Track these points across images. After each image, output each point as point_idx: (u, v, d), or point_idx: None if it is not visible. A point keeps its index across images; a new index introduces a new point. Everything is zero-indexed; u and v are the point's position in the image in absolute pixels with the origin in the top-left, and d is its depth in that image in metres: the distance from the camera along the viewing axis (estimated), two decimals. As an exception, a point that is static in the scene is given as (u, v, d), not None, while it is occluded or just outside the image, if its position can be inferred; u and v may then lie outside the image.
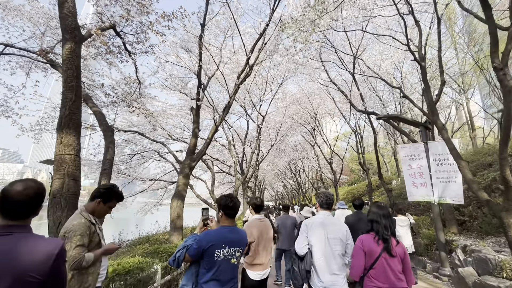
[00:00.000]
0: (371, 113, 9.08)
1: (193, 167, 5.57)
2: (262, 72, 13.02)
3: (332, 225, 2.53)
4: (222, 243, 1.93)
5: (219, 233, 1.99)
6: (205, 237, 1.93)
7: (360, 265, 2.20)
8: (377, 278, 2.14)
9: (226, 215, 2.10)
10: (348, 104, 17.17)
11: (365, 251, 2.19)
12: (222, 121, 13.25)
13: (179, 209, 4.99)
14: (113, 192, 2.04)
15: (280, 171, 31.58)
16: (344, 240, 2.48)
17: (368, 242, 2.21)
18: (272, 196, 49.25)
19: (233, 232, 2.05)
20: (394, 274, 2.12)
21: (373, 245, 2.17)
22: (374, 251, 2.16)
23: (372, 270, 2.16)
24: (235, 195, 11.82)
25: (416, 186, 6.19)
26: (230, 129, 15.13)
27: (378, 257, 2.14)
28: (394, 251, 2.15)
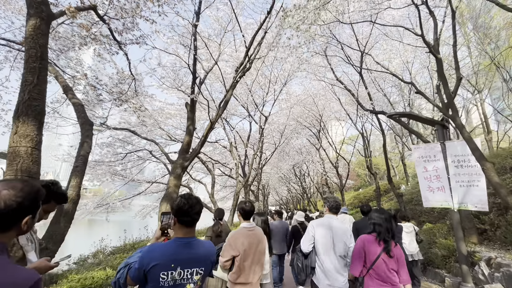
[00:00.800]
0: (380, 112, 8.51)
1: (186, 168, 5.10)
2: (265, 71, 12.59)
3: (338, 228, 2.73)
4: (171, 262, 1.40)
5: (167, 248, 1.46)
6: (147, 254, 1.40)
7: (360, 262, 2.38)
8: (376, 276, 2.32)
9: (180, 223, 1.53)
10: (355, 106, 16.60)
11: (365, 250, 2.36)
12: (223, 121, 12.89)
13: (168, 213, 4.50)
14: (51, 192, 1.54)
15: (284, 175, 30.95)
16: (348, 243, 2.68)
17: (369, 242, 2.37)
18: (277, 200, 48.45)
19: (189, 246, 1.51)
20: (391, 274, 2.31)
21: (374, 246, 2.34)
22: (374, 251, 2.32)
23: (372, 270, 2.33)
24: (236, 199, 11.35)
25: (432, 190, 5.58)
26: (232, 130, 14.70)
27: (378, 257, 2.30)
28: (393, 252, 2.33)
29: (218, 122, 12.89)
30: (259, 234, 2.67)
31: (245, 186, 14.32)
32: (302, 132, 21.46)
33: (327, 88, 14.42)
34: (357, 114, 14.33)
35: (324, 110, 17.49)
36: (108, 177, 9.36)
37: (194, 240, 1.56)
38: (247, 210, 2.74)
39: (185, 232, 1.53)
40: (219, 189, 21.64)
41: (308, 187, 30.55)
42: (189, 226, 1.55)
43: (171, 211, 1.60)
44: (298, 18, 5.15)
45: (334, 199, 2.91)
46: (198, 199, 1.60)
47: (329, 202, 2.90)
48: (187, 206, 1.51)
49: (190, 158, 5.11)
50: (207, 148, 15.82)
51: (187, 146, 5.36)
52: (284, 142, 19.03)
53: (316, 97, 16.33)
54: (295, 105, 16.71)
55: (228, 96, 5.67)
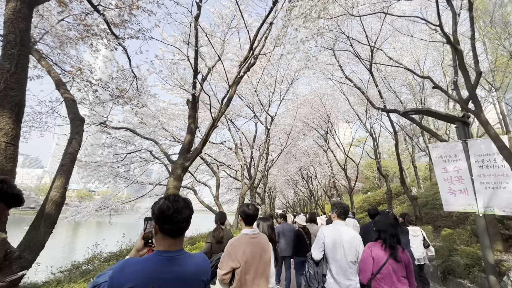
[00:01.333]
0: (392, 111, 8.07)
1: (187, 168, 4.79)
2: (271, 70, 12.28)
3: (348, 234, 2.74)
4: (150, 283, 1.07)
5: (145, 265, 1.12)
6: (119, 273, 1.07)
7: (368, 269, 2.42)
8: (383, 281, 2.35)
9: (163, 232, 1.19)
10: (364, 106, 16.11)
11: (373, 257, 2.42)
12: (228, 122, 12.61)
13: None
14: (0, 192, 1.23)
15: (291, 178, 30.46)
16: (358, 249, 2.68)
17: (376, 249, 2.44)
18: (283, 203, 47.84)
19: (174, 263, 1.17)
20: (398, 279, 2.35)
21: (381, 252, 2.41)
22: (381, 258, 2.39)
23: (379, 275, 2.36)
24: (242, 201, 11.01)
25: (453, 193, 5.12)
26: (237, 132, 14.41)
27: (385, 263, 2.36)
28: (400, 257, 2.38)
29: (223, 123, 12.63)
30: (264, 242, 2.32)
31: (250, 189, 13.97)
32: (309, 134, 21.04)
33: (334, 88, 14.01)
34: (367, 114, 13.86)
35: (332, 111, 17.05)
36: (111, 179, 9.16)
37: (180, 254, 1.21)
38: (249, 214, 2.40)
39: (169, 244, 1.19)
40: (225, 192, 21.36)
41: (316, 190, 29.94)
42: (175, 236, 1.21)
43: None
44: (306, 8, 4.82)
45: (342, 206, 2.95)
46: (187, 201, 1.24)
47: (338, 209, 2.93)
48: (171, 211, 1.17)
49: (191, 158, 4.81)
50: (212, 150, 15.58)
51: (189, 146, 5.06)
52: (291, 144, 18.63)
53: (323, 97, 15.91)
54: (302, 105, 16.33)
55: (232, 92, 5.36)
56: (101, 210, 9.53)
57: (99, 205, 9.54)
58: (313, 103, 16.53)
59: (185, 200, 1.25)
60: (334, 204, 3.07)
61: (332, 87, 14.62)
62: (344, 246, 2.67)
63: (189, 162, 4.77)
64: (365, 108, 16.33)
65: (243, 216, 2.40)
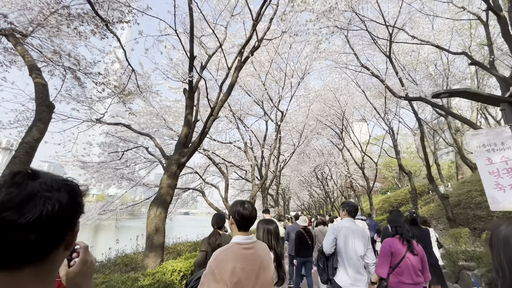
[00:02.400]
0: (416, 99, 7.19)
1: (183, 164, 4.22)
2: (281, 64, 11.62)
3: (357, 230, 2.90)
4: None
5: None
6: None
7: (387, 264, 2.56)
8: (401, 274, 2.50)
9: None
10: (381, 100, 15.09)
11: (392, 251, 2.56)
12: (236, 120, 12.03)
13: (159, 219, 3.58)
14: None
15: (305, 179, 29.49)
16: (366, 245, 2.85)
17: (394, 244, 2.60)
18: (298, 206, 46.67)
19: None
20: (415, 271, 2.50)
21: (399, 246, 2.57)
22: (400, 251, 2.54)
23: (397, 268, 2.52)
24: (252, 203, 10.28)
25: (502, 188, 4.21)
26: (247, 131, 13.81)
27: (404, 257, 2.52)
28: (416, 250, 2.57)
29: (231, 121, 12.06)
30: (263, 255, 1.66)
31: (262, 190, 13.29)
32: (323, 132, 20.12)
33: (349, 80, 13.13)
34: (385, 108, 12.87)
35: (347, 106, 16.11)
36: (115, 181, 8.80)
37: None
38: (245, 216, 1.75)
39: None
40: (236, 194, 20.77)
41: (331, 191, 28.78)
42: None
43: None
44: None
45: (352, 204, 3.05)
46: None
47: (348, 207, 3.04)
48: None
49: (188, 154, 4.22)
50: (223, 151, 15.05)
51: (185, 139, 4.48)
52: (304, 142, 17.80)
53: (337, 92, 15.04)
54: (315, 101, 15.51)
55: (233, 79, 4.75)
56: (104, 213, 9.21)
57: (102, 208, 9.21)
58: (326, 99, 15.69)
59: None
60: (344, 202, 3.13)
61: (346, 80, 13.74)
62: (355, 241, 2.80)
63: (186, 158, 4.19)
64: (382, 102, 15.31)
65: (236, 217, 1.75)
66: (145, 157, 8.89)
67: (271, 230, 2.24)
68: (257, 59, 10.02)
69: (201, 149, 9.86)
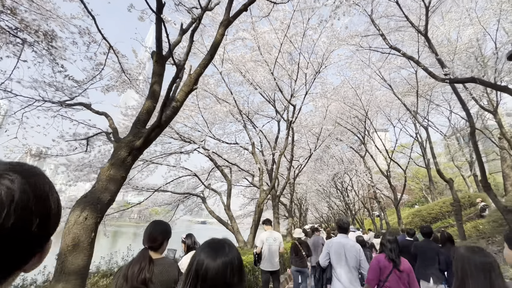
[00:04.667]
0: (468, 80, 5.52)
1: (138, 149, 2.94)
2: (293, 52, 10.30)
3: (349, 244, 3.25)
4: None
5: None
6: None
7: (375, 277, 2.85)
8: (390, 286, 2.78)
9: None
10: (409, 99, 13.22)
11: (380, 267, 2.87)
12: (243, 117, 10.71)
13: (81, 228, 2.26)
14: None
15: (323, 189, 27.38)
16: (358, 256, 3.18)
17: (382, 260, 2.90)
18: (317, 218, 43.98)
19: None
20: (404, 285, 2.77)
21: (386, 263, 2.87)
22: (387, 267, 2.85)
23: (387, 282, 2.79)
24: (258, 212, 8.85)
25: None
26: (257, 133, 12.48)
27: (391, 272, 2.82)
28: (402, 266, 2.83)
29: (238, 120, 10.78)
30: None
31: (272, 198, 11.76)
32: (342, 137, 18.30)
33: (372, 72, 11.46)
34: (417, 105, 11.01)
35: (370, 106, 14.32)
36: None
37: None
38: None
39: None
40: (247, 203, 19.27)
41: (352, 203, 26.42)
42: None
43: None
44: None
45: (341, 221, 3.48)
46: None
47: (337, 224, 3.52)
48: None
49: (146, 134, 2.94)
50: (231, 155, 13.79)
51: (146, 116, 3.22)
52: (321, 147, 16.10)
53: (358, 89, 13.38)
54: (333, 101, 13.92)
55: (218, 37, 3.47)
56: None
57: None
58: (346, 97, 14.05)
59: None
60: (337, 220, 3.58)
61: (368, 74, 12.08)
62: (346, 254, 3.16)
63: (142, 141, 2.90)
64: (411, 101, 13.42)
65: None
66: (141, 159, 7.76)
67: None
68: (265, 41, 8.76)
69: (200, 147, 8.63)
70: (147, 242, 1.73)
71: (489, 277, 1.31)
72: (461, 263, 1.42)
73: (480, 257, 1.39)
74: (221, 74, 10.04)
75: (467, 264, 1.39)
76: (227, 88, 10.25)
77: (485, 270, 1.34)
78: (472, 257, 1.40)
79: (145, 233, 1.77)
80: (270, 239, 4.73)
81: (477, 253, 1.42)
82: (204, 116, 10.24)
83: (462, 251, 1.47)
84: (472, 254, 1.41)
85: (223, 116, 11.57)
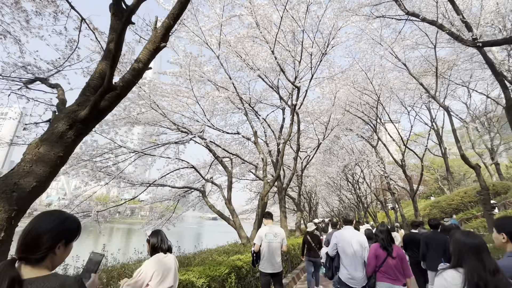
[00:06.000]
0: (504, 41, 4.55)
1: (83, 122, 2.23)
2: (297, 34, 9.39)
3: (354, 235, 3.61)
4: None
5: None
6: None
7: (372, 264, 3.32)
8: (385, 272, 3.24)
9: None
10: (426, 79, 12.12)
11: (376, 255, 3.32)
12: (243, 103, 9.88)
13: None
14: None
15: (333, 182, 26.38)
16: (363, 245, 3.53)
17: (377, 249, 3.37)
18: (327, 212, 42.94)
19: None
20: (398, 270, 3.22)
21: (380, 251, 3.33)
22: (381, 255, 3.31)
23: (382, 268, 3.26)
24: (262, 205, 8.12)
25: None
26: (261, 122, 11.70)
27: (385, 259, 3.26)
28: (395, 253, 3.27)
29: (238, 107, 10.01)
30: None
31: (279, 191, 11.00)
32: (352, 127, 17.26)
33: (382, 51, 10.43)
34: (436, 86, 9.95)
35: (382, 90, 13.27)
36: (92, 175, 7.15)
37: None
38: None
39: None
40: (254, 197, 18.60)
41: (364, 195, 25.34)
42: None
43: None
44: None
45: (347, 215, 3.84)
46: None
47: (342, 218, 3.91)
48: None
49: (93, 103, 2.21)
50: (234, 147, 13.08)
51: (99, 81, 2.51)
52: (329, 137, 15.14)
53: (369, 72, 12.35)
54: (342, 85, 12.92)
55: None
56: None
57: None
58: (355, 82, 13.05)
59: None
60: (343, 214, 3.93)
61: (378, 54, 11.05)
62: (352, 243, 3.49)
63: (87, 110, 2.19)
64: (427, 83, 12.31)
65: None
66: (124, 146, 7.08)
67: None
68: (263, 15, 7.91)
69: (195, 136, 7.92)
70: (20, 249, 1.00)
71: (480, 256, 1.54)
72: (456, 245, 1.64)
73: (472, 240, 1.61)
74: (219, 59, 9.27)
75: (462, 246, 1.61)
76: (226, 74, 9.48)
77: (477, 250, 1.56)
78: (465, 239, 1.62)
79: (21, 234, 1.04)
80: (270, 235, 3.99)
81: (469, 236, 1.65)
82: (202, 105, 9.51)
83: (457, 235, 1.70)
84: (465, 237, 1.64)
85: (223, 105, 10.83)
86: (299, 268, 7.98)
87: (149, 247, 2.37)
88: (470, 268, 1.51)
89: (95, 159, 7.07)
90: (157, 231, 2.46)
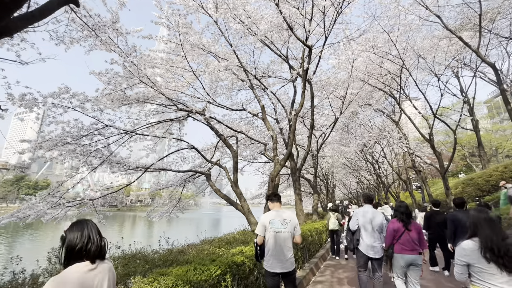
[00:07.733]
0: None
1: None
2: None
3: (373, 212, 4.12)
4: None
5: None
6: None
7: (390, 238, 3.75)
8: (403, 244, 3.64)
9: None
10: (469, 32, 10.33)
11: (395, 229, 3.74)
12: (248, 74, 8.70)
13: None
14: None
15: (351, 163, 24.95)
16: (381, 222, 4.04)
17: (396, 224, 3.75)
18: (345, 194, 41.70)
19: None
20: (414, 242, 3.61)
21: (398, 225, 3.73)
22: (399, 229, 3.71)
23: (400, 240, 3.65)
24: (272, 187, 7.10)
25: None
26: (271, 98, 10.55)
27: (404, 232, 3.67)
28: (411, 227, 3.68)
29: (240, 78, 8.85)
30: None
31: (293, 171, 9.96)
32: (371, 101, 15.69)
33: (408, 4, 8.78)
34: (480, 34, 8.27)
35: (406, 54, 11.58)
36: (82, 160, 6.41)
37: None
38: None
39: None
40: (266, 180, 17.65)
41: (385, 175, 23.81)
42: None
43: None
44: None
45: (368, 194, 4.40)
46: None
47: (364, 197, 4.44)
48: None
49: None
50: (244, 127, 12.05)
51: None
52: (347, 112, 13.71)
53: (392, 32, 10.69)
54: (360, 51, 11.38)
55: None
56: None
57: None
58: (376, 46, 11.43)
59: None
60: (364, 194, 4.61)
61: (404, 8, 9.37)
62: (372, 220, 4.02)
63: None
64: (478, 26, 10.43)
65: None
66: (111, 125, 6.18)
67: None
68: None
69: (194, 112, 6.93)
70: None
71: (492, 226, 2.01)
72: (472, 219, 2.12)
73: (485, 214, 2.10)
74: (217, 24, 8.09)
75: (476, 219, 2.10)
76: (227, 42, 8.31)
77: (489, 222, 2.04)
78: (479, 214, 2.12)
79: None
80: (277, 223, 2.98)
81: (483, 212, 2.14)
82: (202, 79, 8.46)
83: (472, 212, 2.19)
84: (479, 213, 2.13)
85: (227, 82, 9.70)
86: (318, 256, 7.06)
87: (63, 250, 1.41)
88: (484, 236, 1.97)
89: (83, 142, 6.29)
90: (81, 221, 1.49)
